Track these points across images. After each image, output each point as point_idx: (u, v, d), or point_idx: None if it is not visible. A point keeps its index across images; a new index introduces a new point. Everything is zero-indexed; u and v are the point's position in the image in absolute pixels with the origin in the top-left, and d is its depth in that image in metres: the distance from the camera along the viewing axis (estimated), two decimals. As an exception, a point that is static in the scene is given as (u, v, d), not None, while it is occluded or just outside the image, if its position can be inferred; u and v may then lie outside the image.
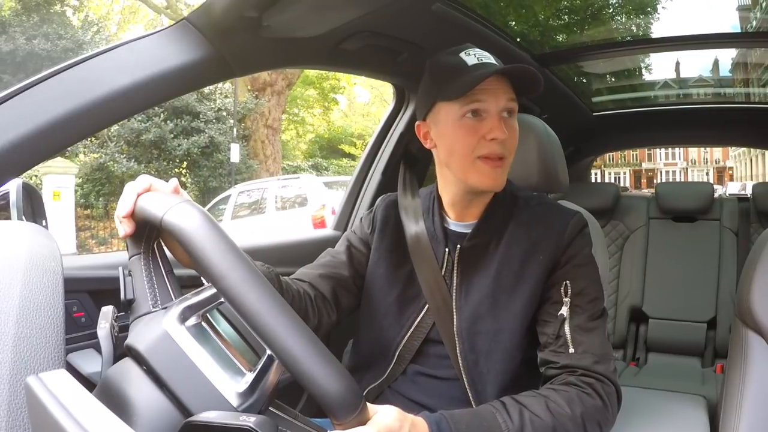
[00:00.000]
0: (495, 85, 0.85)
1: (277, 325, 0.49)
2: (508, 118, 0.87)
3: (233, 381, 0.54)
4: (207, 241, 0.52)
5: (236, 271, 0.50)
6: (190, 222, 0.53)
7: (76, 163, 10.24)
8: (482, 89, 0.84)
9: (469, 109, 0.85)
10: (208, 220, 0.53)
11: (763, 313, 0.81)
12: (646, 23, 1.96)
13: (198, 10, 0.92)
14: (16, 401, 0.44)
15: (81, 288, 0.97)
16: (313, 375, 0.49)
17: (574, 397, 0.78)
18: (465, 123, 0.86)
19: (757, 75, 2.28)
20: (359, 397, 0.53)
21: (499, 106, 0.85)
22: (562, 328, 0.83)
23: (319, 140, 20.19)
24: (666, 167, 38.35)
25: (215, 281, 0.51)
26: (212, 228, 0.53)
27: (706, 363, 2.21)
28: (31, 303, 0.50)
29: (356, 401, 0.52)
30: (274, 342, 0.49)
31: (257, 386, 0.54)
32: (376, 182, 1.62)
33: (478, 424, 0.72)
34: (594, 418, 0.77)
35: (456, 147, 0.87)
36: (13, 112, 0.76)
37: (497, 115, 0.85)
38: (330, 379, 0.50)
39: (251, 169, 12.23)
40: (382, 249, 1.00)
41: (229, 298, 0.50)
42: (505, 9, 1.73)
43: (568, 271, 0.87)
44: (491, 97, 0.84)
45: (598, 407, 0.78)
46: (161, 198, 0.60)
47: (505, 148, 0.86)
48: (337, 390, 0.50)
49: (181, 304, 0.56)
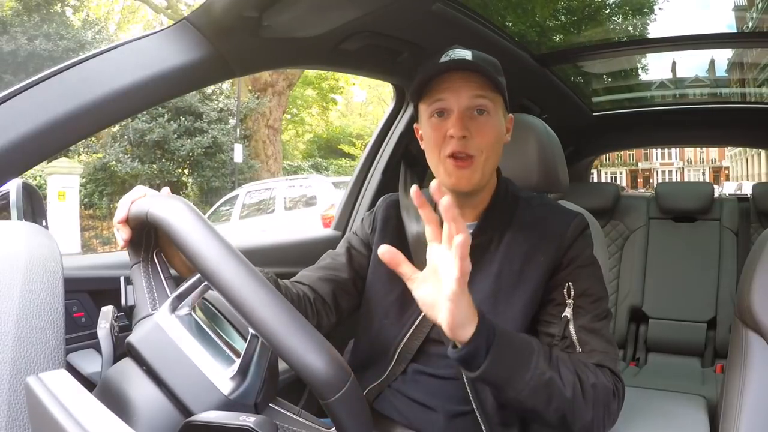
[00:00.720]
0: (458, 83, 0.84)
1: (255, 298, 0.49)
2: (478, 115, 0.85)
3: (223, 368, 0.54)
4: (186, 224, 0.53)
5: (213, 248, 0.51)
6: (170, 210, 0.55)
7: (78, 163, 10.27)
8: (443, 88, 0.84)
9: (434, 108, 0.86)
10: (188, 207, 0.56)
11: (763, 313, 0.81)
12: (643, 24, 1.97)
13: (198, 10, 0.92)
14: (16, 401, 0.44)
15: (81, 288, 0.97)
16: (293, 347, 0.48)
17: (591, 370, 0.79)
18: (432, 122, 0.87)
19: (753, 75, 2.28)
20: (344, 371, 0.50)
21: (461, 104, 0.84)
22: (567, 329, 0.83)
23: (318, 140, 20.22)
24: (662, 167, 38.30)
25: (194, 260, 0.52)
26: (191, 213, 0.55)
27: (706, 363, 2.21)
28: (31, 303, 0.50)
29: (342, 375, 0.49)
30: (252, 315, 0.49)
31: (247, 372, 0.54)
32: (376, 182, 1.62)
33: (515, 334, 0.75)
34: (604, 398, 0.78)
35: (428, 147, 0.89)
36: (13, 112, 0.76)
37: (458, 112, 0.84)
38: (311, 353, 0.48)
39: (253, 169, 12.30)
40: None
41: (207, 276, 0.51)
42: (504, 9, 1.73)
43: (570, 272, 0.87)
44: (452, 95, 0.84)
45: (608, 389, 0.79)
46: (149, 197, 0.62)
47: (471, 147, 0.84)
48: (320, 363, 0.48)
49: (171, 296, 0.58)
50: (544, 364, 0.73)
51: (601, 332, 0.84)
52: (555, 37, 2.02)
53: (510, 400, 0.73)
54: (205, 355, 0.55)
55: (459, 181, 0.86)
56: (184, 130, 11.34)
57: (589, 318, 0.84)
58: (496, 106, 0.87)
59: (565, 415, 0.75)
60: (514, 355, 0.71)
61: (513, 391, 0.71)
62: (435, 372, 0.92)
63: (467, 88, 0.84)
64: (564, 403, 0.74)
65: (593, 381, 0.77)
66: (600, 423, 0.78)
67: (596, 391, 0.77)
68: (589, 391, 0.76)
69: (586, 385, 0.76)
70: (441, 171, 0.87)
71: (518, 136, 0.95)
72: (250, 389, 0.54)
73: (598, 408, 0.77)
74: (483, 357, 0.68)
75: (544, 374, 0.72)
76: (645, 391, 1.78)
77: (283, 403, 0.61)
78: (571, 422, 0.76)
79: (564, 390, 0.73)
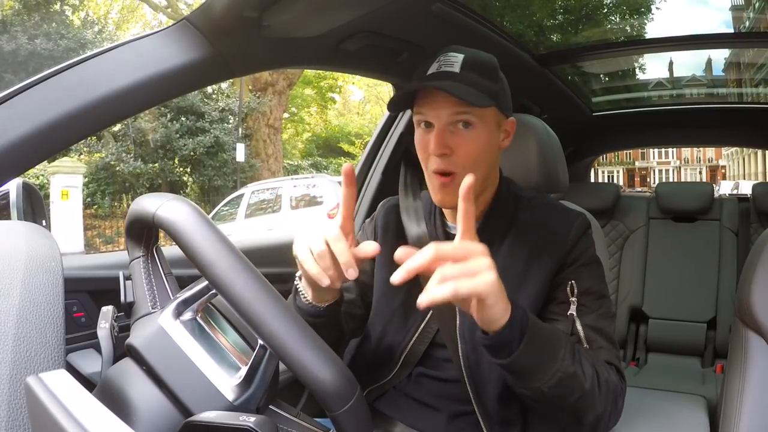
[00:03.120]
0: (440, 99, 0.80)
1: (265, 310, 0.49)
2: (463, 129, 0.81)
3: (228, 375, 0.54)
4: (196, 231, 0.52)
5: (224, 258, 0.51)
6: (179, 214, 0.54)
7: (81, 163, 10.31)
8: (424, 102, 0.81)
9: (419, 120, 0.84)
10: (197, 212, 0.54)
11: (763, 313, 0.81)
12: (641, 24, 1.96)
13: (198, 10, 0.92)
14: (16, 401, 0.44)
15: (81, 288, 0.97)
16: (303, 361, 0.48)
17: (604, 366, 0.79)
18: (419, 134, 0.85)
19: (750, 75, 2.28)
20: (352, 384, 0.51)
21: (442, 120, 0.81)
22: (574, 326, 0.83)
23: (316, 139, 20.23)
24: (659, 166, 38.27)
25: (204, 269, 0.51)
26: (201, 219, 0.54)
27: (706, 363, 2.21)
28: (31, 303, 0.50)
29: (349, 389, 0.50)
30: (262, 327, 0.49)
31: (252, 379, 0.54)
32: (376, 182, 1.61)
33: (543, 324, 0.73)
34: (614, 394, 0.79)
35: (419, 158, 0.87)
36: (13, 112, 0.76)
37: (438, 129, 0.81)
38: (321, 366, 0.48)
39: (254, 168, 12.37)
40: (385, 254, 0.99)
41: (217, 286, 0.51)
42: (504, 9, 1.73)
43: (573, 271, 0.87)
44: (432, 111, 0.81)
45: (618, 386, 0.80)
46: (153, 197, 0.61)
47: (452, 164, 0.81)
48: (329, 376, 0.48)
49: (176, 300, 0.57)
50: (569, 357, 0.72)
51: (605, 331, 0.85)
52: (555, 37, 2.02)
53: (532, 390, 0.72)
54: (210, 362, 0.54)
55: (444, 198, 0.85)
56: (186, 129, 11.39)
57: (595, 316, 0.85)
58: (484, 117, 0.82)
59: (580, 408, 0.75)
60: (544, 346, 0.70)
61: (539, 381, 0.70)
62: (439, 375, 0.91)
63: (448, 104, 0.80)
64: (583, 395, 0.74)
65: (606, 376, 0.77)
66: (608, 417, 0.78)
67: (608, 386, 0.77)
68: (603, 385, 0.76)
69: (601, 379, 0.76)
70: (430, 185, 0.86)
71: (518, 136, 0.95)
72: (254, 395, 0.54)
73: (609, 402, 0.77)
74: (516, 345, 0.67)
75: (570, 367, 0.72)
76: (645, 391, 1.79)
77: (283, 405, 0.61)
78: (584, 414, 0.76)
79: (585, 383, 0.73)
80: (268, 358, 0.56)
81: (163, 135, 11.03)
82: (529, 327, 0.68)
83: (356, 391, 0.51)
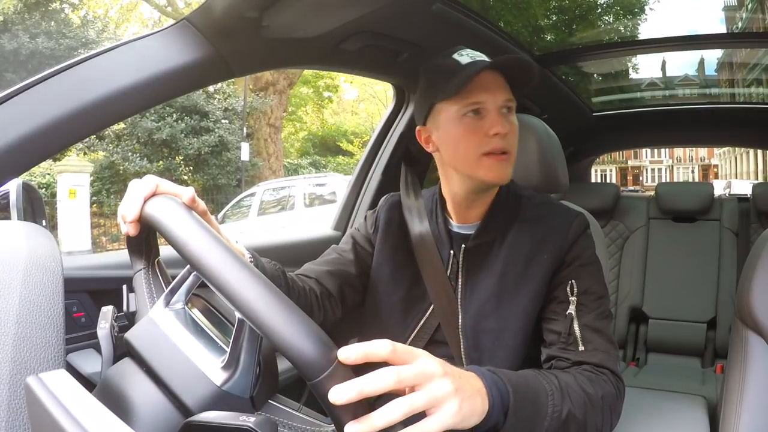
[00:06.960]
0: (492, 84, 0.86)
1: (237, 279, 0.48)
2: (507, 113, 0.88)
3: (215, 359, 0.54)
4: (170, 215, 0.56)
5: (196, 234, 0.52)
6: (159, 207, 0.58)
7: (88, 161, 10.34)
8: (480, 87, 0.84)
9: (470, 108, 0.85)
10: (174, 202, 0.58)
11: (763, 313, 0.81)
12: (636, 24, 1.97)
13: (198, 10, 0.92)
14: (16, 401, 0.45)
15: (81, 288, 0.97)
16: (278, 326, 0.46)
17: (595, 380, 0.78)
18: (466, 122, 0.86)
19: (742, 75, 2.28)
20: (330, 349, 0.47)
21: (497, 103, 0.86)
22: (571, 326, 0.83)
23: (312, 138, 20.25)
24: (652, 165, 38.28)
25: (179, 248, 0.53)
26: (176, 205, 0.57)
27: (706, 363, 2.21)
28: (31, 303, 0.50)
29: (326, 354, 0.46)
30: (235, 297, 0.48)
31: (237, 360, 0.54)
32: (377, 182, 1.62)
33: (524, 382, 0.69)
34: (611, 403, 0.78)
35: (460, 146, 0.87)
36: (13, 112, 0.76)
37: (497, 111, 0.85)
38: (297, 332, 0.46)
39: (256, 167, 12.48)
40: (386, 249, 1.00)
41: (192, 262, 0.51)
42: (503, 10, 1.73)
43: (572, 270, 0.87)
44: (489, 94, 0.85)
45: (613, 394, 0.79)
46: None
47: (507, 143, 0.87)
48: (306, 342, 0.46)
49: (164, 292, 0.59)
50: (558, 400, 0.71)
51: (603, 331, 0.85)
52: (554, 37, 2.02)
53: None
54: (197, 347, 0.55)
55: (503, 175, 0.87)
56: (190, 129, 11.46)
57: (593, 316, 0.85)
58: None
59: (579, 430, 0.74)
60: (531, 406, 0.68)
61: None
62: None
63: (500, 87, 0.86)
64: (578, 425, 0.73)
65: (599, 393, 0.77)
66: (608, 423, 0.78)
67: (603, 401, 0.77)
68: (597, 403, 0.76)
69: (594, 399, 0.75)
70: (479, 168, 0.87)
71: (518, 137, 0.95)
72: (242, 380, 0.54)
73: (606, 413, 0.77)
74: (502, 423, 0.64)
75: (561, 412, 0.71)
76: (645, 392, 1.79)
77: (283, 399, 0.61)
78: None
79: (577, 414, 0.72)
80: (249, 335, 0.54)
81: (168, 134, 11.11)
82: (512, 402, 0.65)
83: (335, 357, 0.47)
